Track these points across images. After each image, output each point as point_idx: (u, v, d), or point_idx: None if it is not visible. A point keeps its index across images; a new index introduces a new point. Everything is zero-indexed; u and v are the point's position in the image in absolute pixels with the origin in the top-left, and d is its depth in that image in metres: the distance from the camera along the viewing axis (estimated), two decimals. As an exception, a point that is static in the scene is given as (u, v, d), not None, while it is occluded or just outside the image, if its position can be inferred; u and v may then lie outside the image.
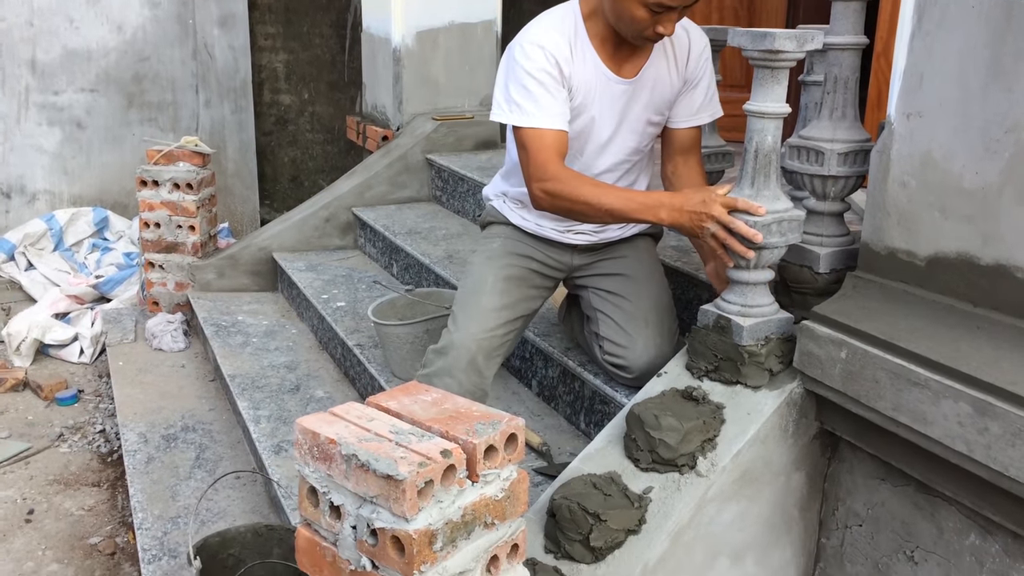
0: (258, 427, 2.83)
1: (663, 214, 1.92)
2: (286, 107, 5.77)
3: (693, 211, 1.86)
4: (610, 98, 2.13)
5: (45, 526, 2.84)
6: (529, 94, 2.02)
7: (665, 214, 1.91)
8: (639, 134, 2.20)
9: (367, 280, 3.70)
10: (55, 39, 5.05)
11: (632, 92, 2.14)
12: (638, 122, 2.18)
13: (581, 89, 2.09)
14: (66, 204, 5.18)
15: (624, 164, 2.23)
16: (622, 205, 1.96)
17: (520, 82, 2.03)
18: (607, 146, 2.18)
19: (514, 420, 1.36)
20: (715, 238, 1.83)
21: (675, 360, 2.00)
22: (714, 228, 1.82)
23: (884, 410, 1.60)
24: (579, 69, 2.07)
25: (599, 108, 2.13)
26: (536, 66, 2.02)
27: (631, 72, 2.13)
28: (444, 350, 2.17)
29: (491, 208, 2.41)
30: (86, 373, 3.98)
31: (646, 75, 2.14)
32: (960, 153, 1.56)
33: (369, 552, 1.29)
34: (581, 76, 2.08)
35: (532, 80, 2.01)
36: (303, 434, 1.34)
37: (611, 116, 2.15)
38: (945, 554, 1.66)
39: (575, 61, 2.06)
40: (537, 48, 2.02)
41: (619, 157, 2.21)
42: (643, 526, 1.67)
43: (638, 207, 1.95)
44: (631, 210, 1.96)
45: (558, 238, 2.29)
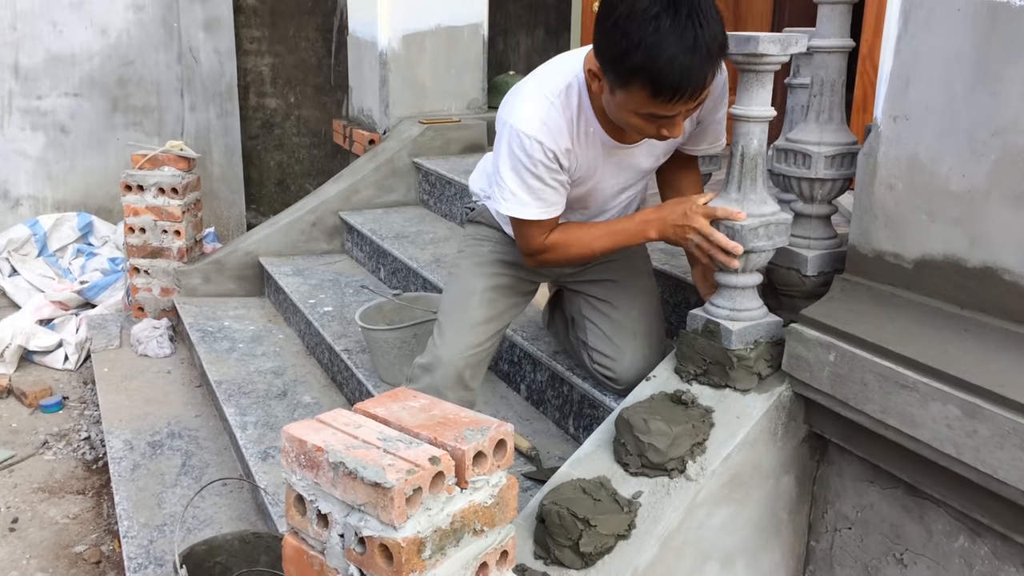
0: (245, 433, 2.81)
1: (652, 232, 1.94)
2: (272, 111, 5.75)
3: (676, 224, 1.87)
4: (616, 163, 2.05)
5: (30, 535, 2.82)
6: (528, 188, 1.94)
7: (653, 232, 1.94)
8: (644, 176, 2.17)
9: (354, 285, 3.68)
10: (38, 43, 5.01)
11: (637, 152, 2.05)
12: (644, 171, 2.13)
13: (583, 165, 2.01)
14: (50, 209, 5.15)
15: (628, 201, 2.21)
16: (612, 242, 2.00)
17: (519, 176, 1.94)
18: (613, 198, 2.15)
19: (503, 426, 1.35)
20: (699, 249, 1.84)
21: (664, 364, 1.99)
22: (697, 240, 1.83)
23: (872, 413, 1.60)
24: (582, 147, 1.97)
25: (602, 174, 2.06)
26: (535, 161, 1.91)
27: (638, 137, 2.00)
28: (431, 367, 2.14)
29: (481, 208, 2.36)
30: (71, 380, 3.94)
31: None
32: (947, 156, 1.57)
33: (357, 561, 1.27)
34: (584, 152, 1.99)
35: (530, 175, 1.93)
36: (290, 441, 1.33)
37: (616, 175, 2.08)
38: (934, 557, 1.66)
39: (577, 145, 1.96)
40: (536, 144, 1.90)
41: (625, 200, 2.18)
42: (633, 531, 1.67)
43: (628, 237, 1.98)
44: (621, 242, 2.00)
45: None
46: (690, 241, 1.85)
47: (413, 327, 2.65)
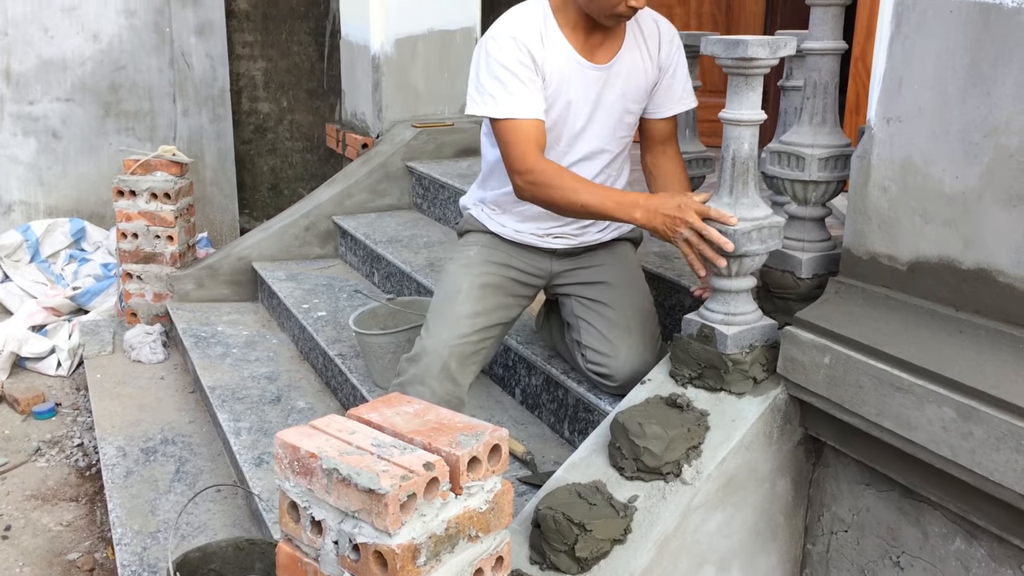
0: (239, 439, 2.79)
1: (638, 214, 1.92)
2: (265, 115, 5.74)
3: (667, 215, 1.86)
4: (584, 84, 2.13)
5: (23, 542, 2.80)
6: (502, 85, 2.02)
7: (640, 214, 1.92)
8: (615, 122, 2.19)
9: (348, 289, 3.67)
10: (30, 48, 5.00)
11: (606, 79, 2.14)
12: (614, 110, 2.18)
13: (555, 77, 2.09)
14: (42, 215, 5.13)
15: (601, 155, 2.21)
16: (598, 202, 1.97)
17: (493, 73, 2.03)
18: (582, 133, 2.18)
19: (497, 431, 1.35)
20: (688, 244, 1.83)
21: (658, 367, 1.99)
22: (687, 234, 1.82)
23: (868, 415, 1.60)
24: (551, 56, 2.08)
25: (574, 94, 2.13)
26: (508, 56, 2.02)
27: (604, 59, 2.14)
28: (416, 357, 2.16)
29: (469, 216, 2.39)
30: (63, 386, 3.92)
31: (620, 62, 2.15)
32: (940, 157, 1.57)
33: (351, 568, 1.27)
34: (554, 64, 2.08)
35: (504, 71, 2.02)
36: (283, 448, 1.32)
37: (586, 102, 2.15)
38: (931, 559, 1.66)
39: (547, 49, 2.07)
40: (508, 39, 2.03)
41: (595, 145, 2.19)
42: (629, 535, 1.66)
43: (614, 205, 1.96)
44: (607, 208, 1.96)
45: (537, 243, 2.28)
46: (679, 234, 1.84)
47: (407, 331, 2.64)
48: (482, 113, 2.06)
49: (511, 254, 2.28)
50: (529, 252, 2.29)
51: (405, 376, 2.16)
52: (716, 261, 1.79)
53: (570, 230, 2.27)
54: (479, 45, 2.11)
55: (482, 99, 2.05)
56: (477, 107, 2.07)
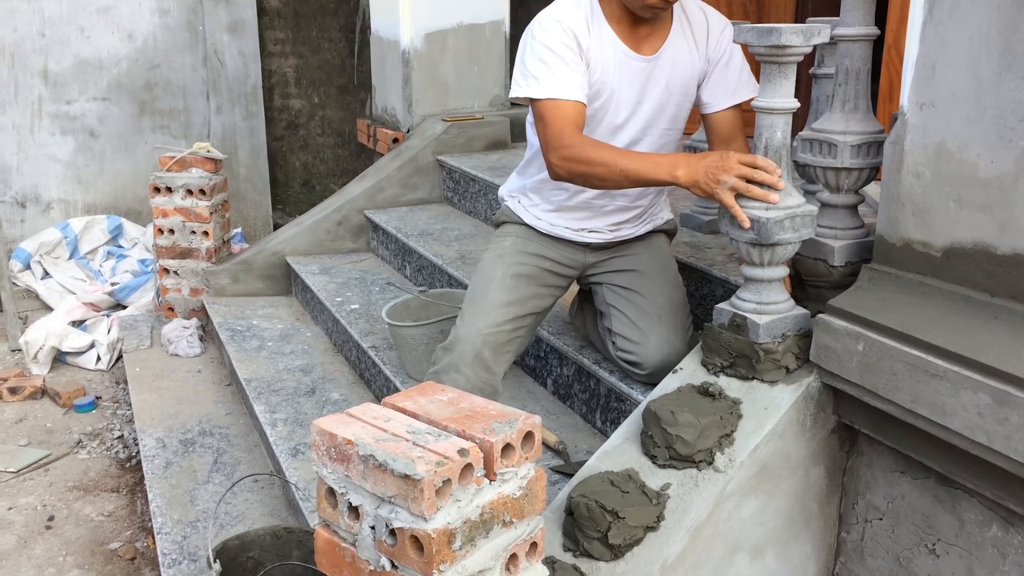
0: (275, 430, 2.83)
1: (680, 172, 1.88)
2: (296, 112, 5.79)
3: (711, 165, 1.82)
4: (629, 76, 2.12)
5: (65, 532, 2.86)
6: (546, 66, 2.03)
7: (682, 172, 1.87)
8: (658, 115, 2.18)
9: (380, 282, 3.70)
10: (66, 49, 5.08)
11: (651, 70, 2.14)
12: (658, 103, 2.17)
13: (599, 65, 2.09)
14: (80, 212, 5.22)
15: (640, 147, 2.20)
16: (638, 166, 1.93)
17: (537, 55, 2.04)
18: (625, 125, 2.17)
19: (531, 418, 1.36)
20: (733, 191, 1.78)
21: (690, 356, 1.99)
22: (733, 181, 1.77)
23: (902, 402, 1.59)
24: (596, 44, 2.08)
25: (617, 85, 2.12)
26: (553, 39, 2.03)
27: (650, 50, 2.13)
28: (451, 346, 2.19)
29: (505, 208, 2.41)
30: (103, 380, 4.00)
31: (665, 53, 2.13)
32: (975, 142, 1.55)
33: (388, 552, 1.29)
34: (599, 52, 2.09)
35: (549, 52, 2.03)
36: (320, 435, 1.34)
37: (630, 95, 2.14)
38: (967, 546, 1.65)
39: (592, 37, 2.08)
40: (554, 22, 2.05)
41: (636, 137, 2.19)
42: (662, 523, 1.67)
43: (654, 167, 1.92)
44: (648, 170, 1.93)
45: (572, 237, 2.29)
46: (723, 184, 1.79)
47: (439, 323, 2.66)
48: (524, 94, 2.07)
49: (545, 245, 2.29)
50: (563, 244, 2.30)
51: (440, 364, 2.19)
52: (769, 198, 1.75)
53: (605, 224, 2.27)
54: (526, 32, 2.12)
55: (525, 82, 2.06)
56: (520, 89, 2.08)
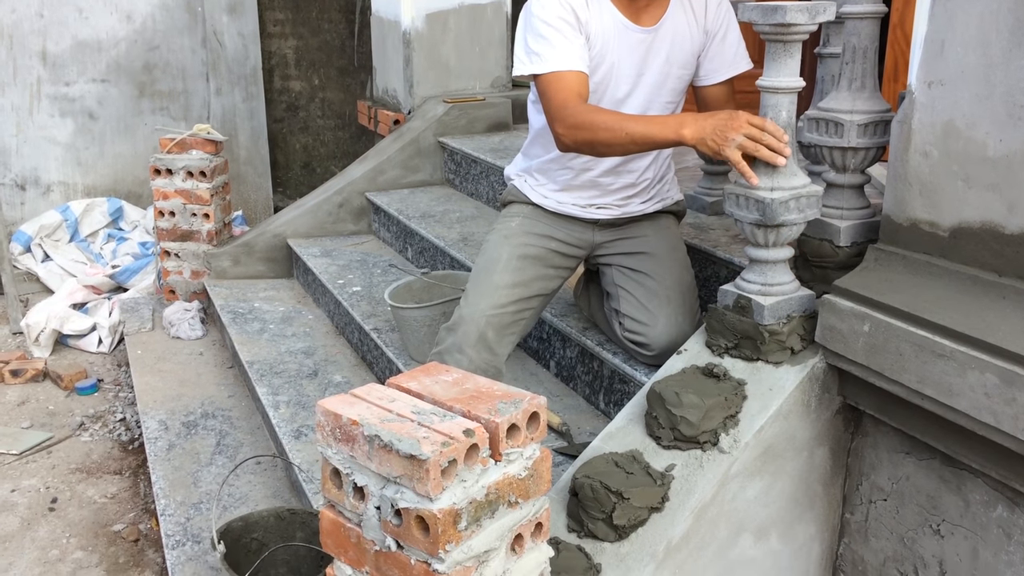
0: (277, 412, 2.83)
1: (686, 130, 1.86)
2: (297, 93, 5.77)
3: (719, 123, 1.80)
4: (628, 48, 2.13)
5: (69, 514, 2.87)
6: (546, 41, 2.04)
7: (688, 130, 1.85)
8: (659, 87, 2.18)
9: (382, 264, 3.70)
10: (65, 30, 5.05)
11: (651, 42, 2.14)
12: (659, 74, 2.17)
13: (599, 38, 2.10)
14: (80, 195, 5.20)
15: None
16: (644, 128, 1.92)
17: (537, 31, 2.05)
18: (627, 99, 2.17)
19: (536, 399, 1.35)
20: (741, 149, 1.76)
21: (694, 338, 1.98)
22: (741, 139, 1.75)
23: (909, 383, 1.59)
24: (595, 17, 2.09)
25: (617, 57, 2.12)
26: (551, 13, 2.04)
27: (650, 22, 2.13)
28: (454, 326, 2.19)
29: (512, 187, 2.40)
30: (105, 362, 4.00)
31: (665, 25, 2.14)
32: (983, 121, 1.54)
33: (394, 532, 1.28)
34: (598, 25, 2.09)
35: (548, 27, 2.04)
36: (325, 416, 1.34)
37: (631, 66, 2.14)
38: (972, 527, 1.65)
39: (591, 10, 2.08)
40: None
41: (639, 110, 2.18)
42: (666, 503, 1.67)
43: (660, 127, 1.91)
44: (654, 132, 1.91)
45: (579, 214, 2.28)
46: (732, 141, 1.76)
47: (442, 305, 2.65)
48: (527, 71, 2.07)
49: (553, 225, 2.28)
50: (571, 223, 2.29)
51: (443, 345, 2.19)
52: (776, 160, 1.73)
53: (612, 200, 2.26)
54: (524, 8, 2.12)
55: (528, 59, 2.06)
56: (524, 67, 2.08)
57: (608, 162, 2.20)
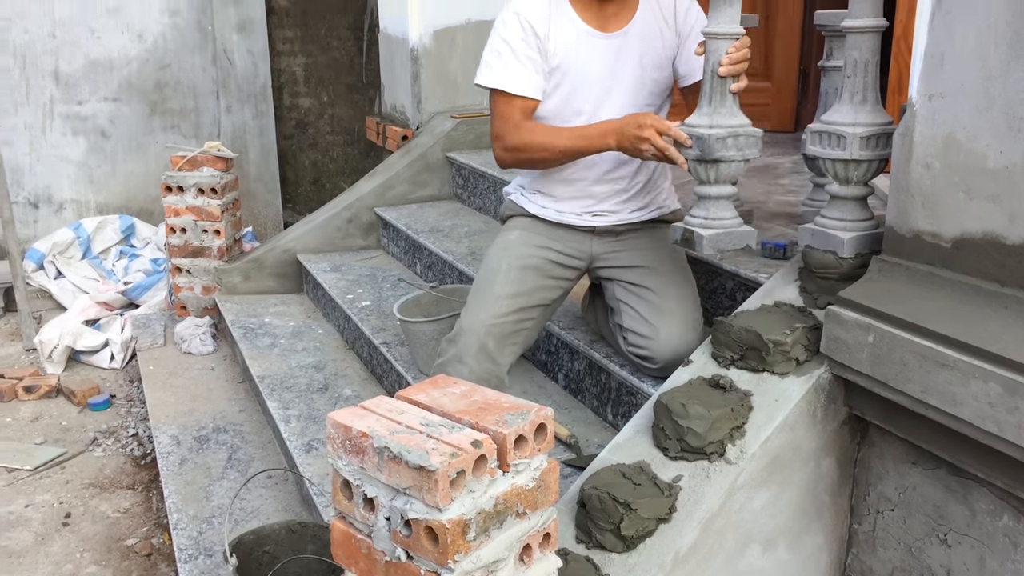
0: (288, 427, 2.85)
1: (611, 140, 2.05)
2: (306, 110, 5.82)
3: (631, 133, 2.00)
4: (598, 55, 2.17)
5: (82, 529, 2.89)
6: (499, 57, 2.15)
7: (613, 139, 2.05)
8: (636, 91, 2.22)
9: (391, 279, 3.72)
10: (77, 49, 5.11)
11: (620, 47, 2.18)
12: (633, 78, 2.21)
13: (561, 49, 2.16)
14: (93, 212, 5.25)
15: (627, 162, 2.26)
16: (575, 143, 2.10)
17: (494, 47, 2.17)
18: (604, 103, 2.21)
19: (543, 410, 1.37)
20: (655, 156, 1.97)
21: (700, 349, 2.00)
22: (653, 150, 1.96)
23: (913, 392, 1.60)
24: (557, 31, 2.15)
25: (584, 66, 2.17)
26: (510, 32, 2.14)
27: (617, 26, 2.18)
28: (455, 337, 2.23)
29: (509, 202, 2.43)
30: (117, 378, 4.03)
31: (633, 28, 2.18)
32: (984, 133, 1.56)
33: (403, 543, 1.30)
34: (560, 37, 2.15)
35: (505, 45, 2.15)
36: (335, 428, 1.36)
37: (602, 72, 2.19)
38: (979, 536, 1.65)
39: (553, 24, 2.15)
40: (513, 15, 2.15)
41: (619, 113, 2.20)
42: (674, 514, 1.68)
43: (588, 142, 2.08)
44: (584, 146, 2.09)
45: (577, 222, 2.31)
46: (645, 152, 1.99)
47: (451, 318, 2.67)
48: (478, 82, 2.18)
49: (551, 236, 2.31)
50: (569, 233, 2.32)
51: (445, 356, 2.22)
52: (679, 163, 1.95)
53: (607, 207, 2.30)
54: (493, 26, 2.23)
55: (483, 70, 2.18)
56: (479, 76, 2.19)
57: (596, 171, 2.25)
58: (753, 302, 2.02)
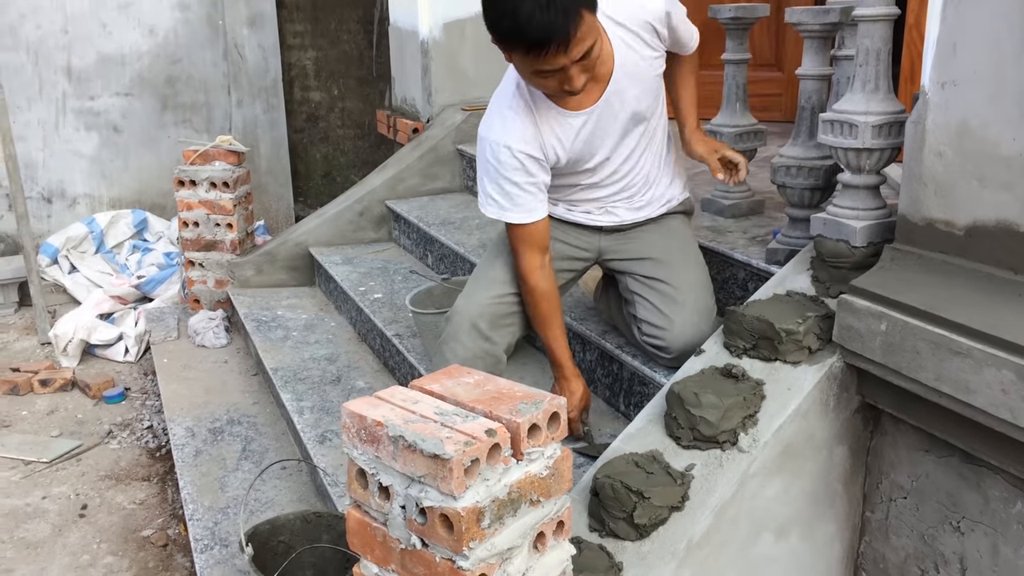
0: (302, 418, 2.87)
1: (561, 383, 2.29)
2: (316, 104, 5.83)
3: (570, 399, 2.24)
4: (589, 129, 2.12)
5: (99, 520, 2.92)
6: (505, 194, 2.12)
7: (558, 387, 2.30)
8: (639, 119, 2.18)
9: (403, 271, 3.73)
10: (89, 45, 5.14)
11: (606, 105, 2.10)
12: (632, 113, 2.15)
13: (562, 148, 2.12)
14: (106, 207, 5.28)
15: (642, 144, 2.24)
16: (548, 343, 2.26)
17: (495, 182, 2.12)
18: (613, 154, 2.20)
19: (556, 399, 1.38)
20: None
21: (713, 339, 2.00)
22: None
23: (926, 381, 1.60)
24: (550, 136, 2.10)
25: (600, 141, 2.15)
26: (507, 169, 2.09)
27: (598, 92, 2.09)
28: (449, 317, 2.28)
29: None
30: (132, 371, 4.06)
31: (613, 84, 2.09)
32: (996, 120, 1.55)
33: (419, 530, 1.31)
34: (557, 139, 2.10)
35: (506, 181, 2.10)
36: (350, 417, 1.37)
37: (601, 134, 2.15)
38: (992, 523, 1.66)
39: (545, 133, 2.09)
40: (504, 149, 2.07)
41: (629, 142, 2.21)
42: (686, 503, 1.68)
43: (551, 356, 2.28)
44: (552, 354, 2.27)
45: (585, 221, 2.31)
46: None
47: (463, 310, 2.68)
48: (494, 216, 2.16)
49: (558, 228, 2.31)
50: (577, 230, 2.33)
51: (442, 336, 2.28)
52: None
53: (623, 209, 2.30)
54: (479, 143, 2.15)
55: (493, 205, 2.15)
56: (489, 210, 2.17)
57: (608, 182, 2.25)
58: (765, 291, 2.02)
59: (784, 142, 2.38)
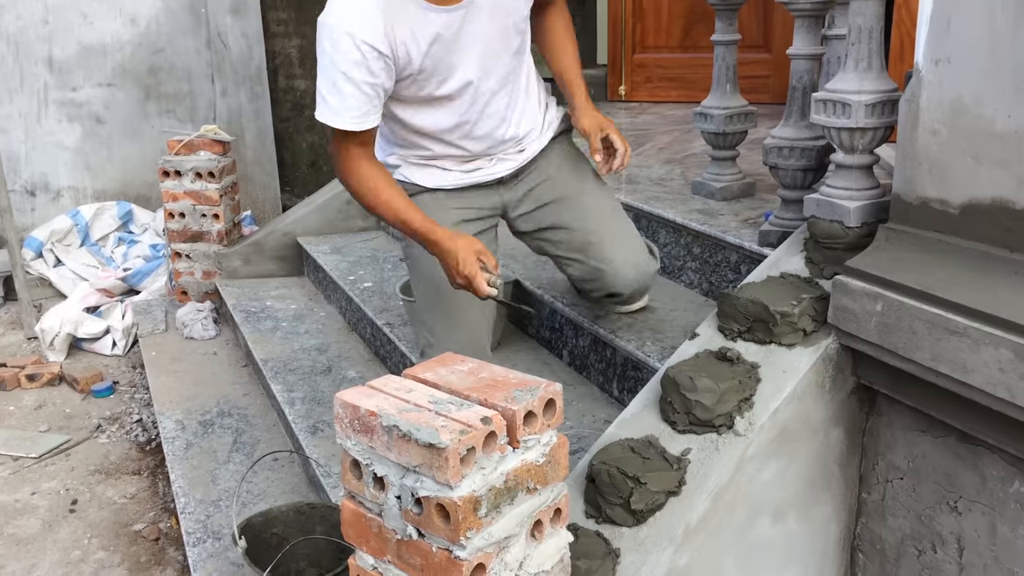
0: (293, 409, 2.85)
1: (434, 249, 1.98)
2: (302, 92, 5.78)
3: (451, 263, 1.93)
4: (453, 32, 1.94)
5: (89, 515, 2.89)
6: (338, 91, 1.88)
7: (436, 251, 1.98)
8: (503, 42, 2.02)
9: (392, 259, 3.71)
10: (70, 35, 5.07)
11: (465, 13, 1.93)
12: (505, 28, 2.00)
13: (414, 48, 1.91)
14: (90, 199, 5.23)
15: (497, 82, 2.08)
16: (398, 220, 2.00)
17: (329, 77, 1.88)
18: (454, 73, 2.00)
19: (551, 386, 1.36)
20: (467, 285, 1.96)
21: (707, 322, 1.99)
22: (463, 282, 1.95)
23: (923, 361, 1.59)
24: (403, 31, 1.88)
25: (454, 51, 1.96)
26: (346, 59, 1.84)
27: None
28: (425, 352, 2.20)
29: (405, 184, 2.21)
30: (120, 365, 4.02)
31: None
32: (991, 97, 1.54)
33: (415, 521, 1.30)
34: (408, 35, 1.89)
35: (341, 76, 1.86)
36: (343, 408, 1.35)
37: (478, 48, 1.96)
38: (989, 503, 1.65)
39: (396, 26, 1.87)
40: (344, 36, 1.83)
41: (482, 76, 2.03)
42: (683, 487, 1.67)
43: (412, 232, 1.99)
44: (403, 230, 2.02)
45: (482, 179, 2.20)
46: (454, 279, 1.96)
47: (454, 298, 2.66)
48: (326, 122, 1.93)
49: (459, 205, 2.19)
50: (475, 193, 2.21)
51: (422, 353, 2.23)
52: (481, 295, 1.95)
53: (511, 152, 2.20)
54: (319, 31, 1.89)
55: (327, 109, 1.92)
56: (319, 112, 1.95)
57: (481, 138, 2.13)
58: (759, 274, 2.00)
59: (773, 124, 2.37)
